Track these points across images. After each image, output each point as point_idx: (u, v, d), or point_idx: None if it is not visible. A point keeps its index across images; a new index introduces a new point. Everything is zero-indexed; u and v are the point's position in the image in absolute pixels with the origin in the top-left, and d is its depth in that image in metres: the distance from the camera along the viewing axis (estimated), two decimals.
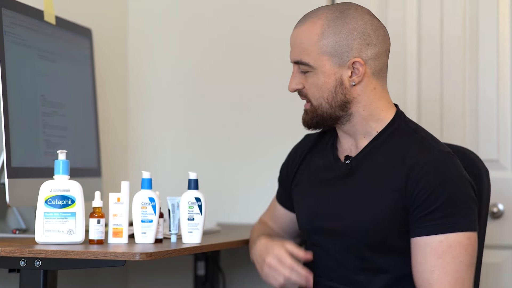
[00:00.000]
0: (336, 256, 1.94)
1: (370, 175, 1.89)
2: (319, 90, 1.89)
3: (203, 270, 2.84)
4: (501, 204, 2.70)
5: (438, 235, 1.79)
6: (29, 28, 2.25)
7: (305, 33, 1.89)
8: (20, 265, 1.82)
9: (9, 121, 2.10)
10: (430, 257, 1.78)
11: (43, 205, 1.90)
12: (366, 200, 1.88)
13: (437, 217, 1.79)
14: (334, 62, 1.87)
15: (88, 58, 2.58)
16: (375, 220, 1.86)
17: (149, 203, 1.96)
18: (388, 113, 1.92)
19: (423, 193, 1.81)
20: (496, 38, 2.74)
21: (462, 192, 1.82)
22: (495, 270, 2.68)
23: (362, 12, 1.89)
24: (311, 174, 2.02)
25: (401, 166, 1.85)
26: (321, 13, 1.90)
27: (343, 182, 1.93)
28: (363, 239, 1.89)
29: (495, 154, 2.71)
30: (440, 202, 1.80)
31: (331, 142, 2.00)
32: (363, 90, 1.89)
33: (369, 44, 1.87)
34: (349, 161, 1.92)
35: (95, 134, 2.58)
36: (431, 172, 1.82)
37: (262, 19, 2.99)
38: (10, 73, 2.12)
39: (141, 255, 1.77)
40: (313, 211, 1.99)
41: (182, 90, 3.08)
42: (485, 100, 2.74)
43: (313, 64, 1.88)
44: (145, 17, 3.11)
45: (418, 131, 1.92)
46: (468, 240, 1.79)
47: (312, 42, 1.88)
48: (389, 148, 1.89)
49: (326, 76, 1.88)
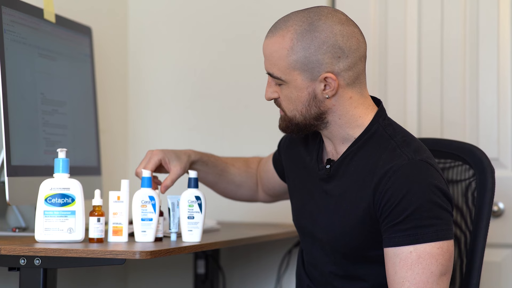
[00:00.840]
0: (316, 258, 1.95)
1: (344, 184, 1.86)
2: (293, 103, 1.85)
3: (203, 268, 2.84)
4: (501, 203, 2.70)
5: (407, 246, 1.75)
6: (29, 26, 2.24)
7: (274, 46, 1.83)
8: (20, 263, 1.81)
9: (9, 119, 2.10)
10: (400, 268, 1.75)
11: (43, 204, 1.89)
12: (339, 211, 1.86)
13: (406, 228, 1.75)
14: (305, 77, 1.81)
15: (88, 56, 2.57)
16: (344, 229, 1.85)
17: (149, 202, 1.96)
18: (366, 118, 1.86)
19: (390, 203, 1.77)
20: (496, 38, 2.74)
21: (431, 201, 1.76)
22: (495, 269, 2.68)
23: (332, 23, 1.81)
24: (299, 169, 2.01)
25: (371, 176, 1.81)
26: (290, 24, 1.82)
27: (320, 186, 1.92)
28: (336, 247, 1.88)
29: (495, 152, 2.72)
30: (407, 212, 1.75)
31: (319, 140, 1.97)
32: (338, 101, 1.84)
33: (340, 57, 1.80)
34: (329, 166, 1.90)
35: (95, 132, 2.58)
36: (398, 182, 1.77)
37: (262, 18, 2.99)
38: (10, 72, 2.12)
39: (141, 254, 1.77)
40: (298, 209, 2.01)
41: (182, 88, 3.08)
42: (485, 99, 2.74)
43: (284, 78, 1.83)
44: (145, 15, 3.11)
45: (395, 136, 1.85)
46: (439, 250, 1.75)
47: (282, 56, 1.81)
48: (363, 155, 1.85)
49: (298, 90, 1.83)
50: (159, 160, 2.06)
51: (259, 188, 2.29)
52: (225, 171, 2.23)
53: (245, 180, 2.26)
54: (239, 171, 2.25)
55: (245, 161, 2.29)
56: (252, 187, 2.28)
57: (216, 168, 2.21)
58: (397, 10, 2.83)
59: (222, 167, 2.22)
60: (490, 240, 2.09)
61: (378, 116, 1.87)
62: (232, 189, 2.25)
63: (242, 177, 2.26)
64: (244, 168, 2.27)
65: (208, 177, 2.21)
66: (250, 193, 2.28)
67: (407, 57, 2.82)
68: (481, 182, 1.98)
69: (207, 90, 3.05)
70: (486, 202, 1.98)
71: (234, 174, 2.24)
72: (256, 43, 3.00)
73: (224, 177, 2.23)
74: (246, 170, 2.27)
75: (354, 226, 1.83)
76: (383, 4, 2.84)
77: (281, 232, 2.59)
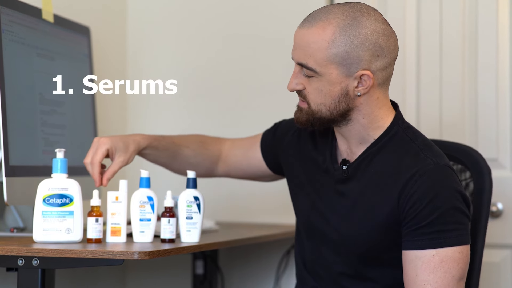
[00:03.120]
0: (325, 257, 1.93)
1: (363, 186, 1.86)
2: (322, 97, 1.83)
3: (202, 269, 2.84)
4: (500, 203, 2.70)
5: (430, 250, 1.76)
6: (27, 26, 2.24)
7: (313, 36, 1.80)
8: (18, 264, 1.81)
9: (7, 119, 2.09)
10: (422, 271, 1.76)
11: (41, 204, 1.89)
12: (357, 213, 1.85)
13: (429, 232, 1.77)
14: (341, 72, 1.80)
15: (86, 56, 2.57)
16: (362, 231, 1.85)
17: (148, 202, 1.96)
18: (387, 120, 1.87)
19: (416, 207, 1.78)
20: (495, 38, 2.74)
21: (455, 207, 1.78)
22: (494, 269, 2.68)
23: (375, 20, 1.80)
24: (306, 167, 1.99)
25: (394, 179, 1.81)
26: (332, 17, 1.80)
27: (336, 187, 1.90)
28: (350, 248, 1.87)
29: (494, 153, 2.71)
30: (433, 217, 1.77)
31: (331, 139, 1.96)
32: (367, 100, 1.84)
33: (380, 55, 1.80)
34: (346, 167, 1.89)
35: (93, 132, 2.57)
36: (425, 186, 1.78)
37: (261, 17, 2.99)
38: (8, 72, 2.12)
39: (139, 254, 1.76)
40: (309, 209, 1.97)
41: (181, 87, 3.07)
42: (484, 99, 2.74)
43: (319, 70, 1.80)
44: (143, 15, 3.11)
45: (416, 139, 1.86)
46: (460, 254, 1.77)
47: (321, 48, 1.79)
48: (384, 158, 1.85)
49: (331, 84, 1.81)
50: (106, 150, 2.03)
51: (218, 168, 2.25)
52: (177, 153, 2.19)
53: (201, 161, 2.23)
54: (194, 153, 2.22)
55: (202, 142, 2.25)
56: (209, 166, 2.24)
57: (167, 151, 2.17)
58: (396, 10, 2.83)
59: (174, 150, 2.19)
60: (489, 241, 2.09)
61: (397, 118, 1.88)
62: (186, 167, 2.20)
63: (197, 159, 2.22)
64: (200, 150, 2.23)
65: (159, 160, 2.19)
66: (205, 172, 2.25)
67: (406, 57, 2.82)
68: (479, 183, 1.99)
69: (206, 89, 3.04)
70: (484, 203, 1.99)
71: (188, 156, 2.21)
72: (256, 42, 3.01)
73: (176, 159, 2.20)
74: (202, 152, 2.23)
75: (374, 228, 1.83)
76: (382, 4, 2.84)
77: (279, 233, 2.58)
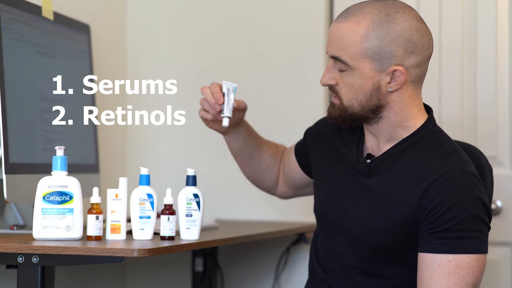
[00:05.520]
0: (338, 250, 1.93)
1: (386, 182, 1.85)
2: (354, 92, 1.83)
3: (201, 266, 2.84)
4: (499, 201, 2.70)
5: (447, 255, 1.76)
6: (27, 24, 2.24)
7: (347, 30, 1.81)
8: (18, 261, 1.81)
9: (7, 117, 2.09)
10: (437, 275, 1.76)
11: (41, 201, 1.89)
12: (377, 207, 1.85)
13: (449, 237, 1.77)
14: (374, 66, 1.80)
15: (86, 54, 2.57)
16: (379, 227, 1.84)
17: (147, 199, 1.96)
18: (418, 120, 1.87)
19: (437, 210, 1.78)
20: (494, 36, 2.74)
21: (476, 215, 1.78)
22: (493, 267, 2.68)
23: (409, 17, 1.81)
24: (331, 157, 1.98)
25: (418, 180, 1.81)
26: (367, 12, 1.81)
27: (358, 181, 1.89)
28: (367, 243, 1.87)
29: (493, 151, 2.72)
30: (453, 222, 1.77)
31: (359, 134, 1.95)
32: (399, 97, 1.84)
33: (413, 52, 1.80)
34: (370, 160, 1.88)
35: (93, 130, 2.57)
36: (449, 191, 1.78)
37: (261, 17, 2.99)
38: (8, 69, 2.12)
39: (139, 252, 1.77)
40: (325, 197, 1.97)
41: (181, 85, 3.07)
42: (483, 97, 2.74)
43: (351, 64, 1.81)
44: (143, 12, 3.11)
45: (445, 144, 1.86)
46: (476, 262, 1.77)
47: (354, 42, 1.80)
48: (410, 157, 1.85)
49: (363, 79, 1.81)
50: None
51: (280, 177, 2.26)
52: (260, 147, 2.21)
53: (273, 163, 2.24)
54: (271, 151, 2.23)
55: (275, 144, 2.27)
56: (276, 173, 2.25)
57: (255, 141, 2.20)
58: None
59: (259, 142, 2.21)
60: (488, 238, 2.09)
61: (429, 121, 1.88)
62: (261, 170, 2.22)
63: (272, 159, 2.23)
64: (274, 151, 2.24)
65: (245, 149, 2.19)
66: (274, 180, 2.25)
67: None
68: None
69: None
70: None
71: (266, 153, 2.22)
72: (256, 41, 3.01)
73: (256, 155, 2.21)
74: (275, 154, 2.24)
75: (392, 225, 1.83)
76: None
77: (279, 230, 2.59)
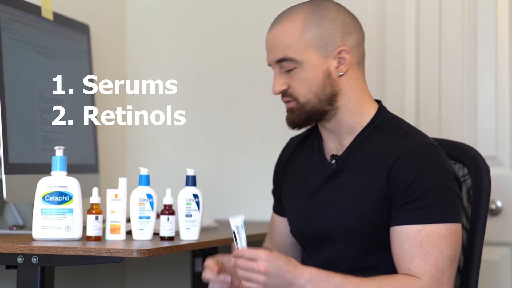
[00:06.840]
0: (325, 257, 1.93)
1: (354, 173, 1.88)
2: (308, 85, 1.88)
3: (201, 266, 2.83)
4: (499, 201, 2.70)
5: (416, 225, 1.77)
6: (26, 24, 2.24)
7: (284, 31, 1.88)
8: (17, 261, 1.81)
9: (6, 117, 2.09)
10: (409, 246, 1.77)
11: (41, 202, 1.89)
12: (352, 200, 1.87)
13: (415, 207, 1.78)
14: (320, 54, 1.87)
15: (85, 54, 2.57)
16: (361, 215, 1.85)
17: (147, 200, 1.96)
18: (370, 107, 1.92)
19: (403, 184, 1.80)
20: (494, 35, 2.74)
21: (442, 184, 1.80)
22: (493, 267, 2.68)
23: (336, 6, 1.90)
24: (299, 177, 2.01)
25: (383, 161, 1.84)
26: (297, 10, 1.89)
27: (329, 182, 1.92)
28: (350, 238, 1.88)
29: (493, 151, 2.71)
30: (419, 192, 1.79)
31: (317, 143, 1.99)
32: (348, 80, 1.89)
33: (350, 32, 1.88)
34: (335, 160, 1.91)
35: (93, 130, 2.57)
36: (412, 163, 1.81)
37: (261, 16, 2.99)
38: (7, 69, 2.12)
39: (139, 252, 1.77)
40: (302, 213, 1.98)
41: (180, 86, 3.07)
42: (483, 97, 2.74)
43: (299, 58, 1.86)
44: (142, 12, 3.11)
45: (401, 126, 1.91)
46: (447, 232, 1.77)
47: (295, 37, 1.86)
48: (371, 145, 1.88)
49: (313, 69, 1.87)
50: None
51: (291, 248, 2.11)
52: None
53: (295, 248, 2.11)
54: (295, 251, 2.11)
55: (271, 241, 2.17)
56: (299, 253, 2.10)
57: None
58: (395, 7, 2.83)
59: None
60: (488, 238, 2.09)
61: (381, 109, 1.93)
62: None
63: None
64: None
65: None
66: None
67: (405, 55, 2.81)
68: (477, 181, 1.99)
69: (204, 88, 3.04)
70: (483, 201, 1.99)
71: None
72: (255, 41, 3.01)
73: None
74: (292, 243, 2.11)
75: (371, 210, 1.84)
76: (381, 1, 2.84)
77: None
